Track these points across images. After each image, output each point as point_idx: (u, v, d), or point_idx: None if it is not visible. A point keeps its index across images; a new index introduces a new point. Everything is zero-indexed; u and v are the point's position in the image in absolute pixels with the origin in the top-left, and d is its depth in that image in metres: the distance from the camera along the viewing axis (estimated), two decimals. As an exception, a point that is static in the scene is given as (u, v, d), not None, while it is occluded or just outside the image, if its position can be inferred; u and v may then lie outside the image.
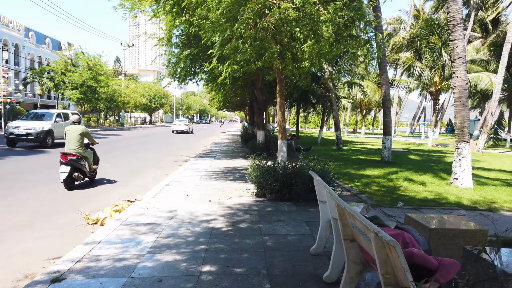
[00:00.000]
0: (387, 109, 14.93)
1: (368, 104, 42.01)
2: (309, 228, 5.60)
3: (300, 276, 3.88)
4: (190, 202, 7.07)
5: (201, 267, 4.02)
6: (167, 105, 72.28)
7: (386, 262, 2.35)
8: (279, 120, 8.04)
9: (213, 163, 13.48)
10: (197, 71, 14.22)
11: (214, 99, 27.84)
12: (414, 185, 9.43)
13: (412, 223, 4.17)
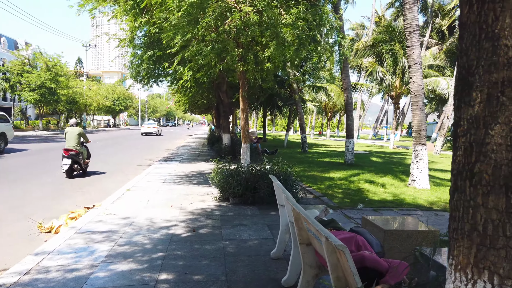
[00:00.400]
0: (349, 112, 15.29)
1: (333, 107, 42.92)
2: (271, 232, 5.61)
3: (259, 281, 3.87)
4: (150, 208, 6.91)
5: (157, 275, 3.92)
6: (132, 108, 70.65)
7: (337, 266, 2.38)
8: (242, 124, 8.03)
9: (177, 166, 13.27)
10: (161, 73, 13.99)
11: (180, 102, 27.51)
12: (375, 187, 9.70)
13: (368, 225, 4.27)
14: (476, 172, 0.99)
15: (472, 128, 0.99)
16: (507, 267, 0.92)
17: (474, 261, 0.98)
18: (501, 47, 0.94)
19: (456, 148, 1.06)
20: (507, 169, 0.93)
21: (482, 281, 0.96)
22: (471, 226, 0.99)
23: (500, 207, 0.94)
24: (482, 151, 0.97)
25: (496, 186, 0.95)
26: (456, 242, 1.04)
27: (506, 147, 0.93)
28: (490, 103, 0.95)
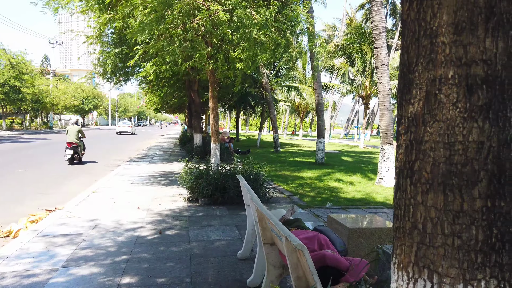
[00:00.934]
0: (320, 112, 15.47)
1: (306, 107, 43.35)
2: (239, 232, 5.57)
3: (225, 282, 3.82)
4: (117, 210, 6.72)
5: (120, 279, 3.80)
6: (102, 107, 68.85)
7: (297, 265, 2.37)
8: (211, 123, 7.96)
9: (147, 167, 13.02)
10: (129, 71, 13.68)
11: (151, 101, 27.02)
12: (344, 186, 9.85)
13: (334, 223, 4.30)
14: (416, 170, 0.98)
15: (412, 126, 0.99)
16: (446, 265, 0.92)
17: (415, 259, 0.98)
18: (439, 45, 0.94)
19: (398, 146, 1.05)
20: (444, 167, 0.94)
21: (422, 279, 0.96)
22: (412, 225, 0.99)
23: (439, 205, 0.94)
24: (421, 149, 0.97)
25: (434, 184, 0.95)
26: (399, 240, 1.04)
27: (443, 145, 0.94)
28: (428, 101, 0.95)
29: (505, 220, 0.90)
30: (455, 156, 0.92)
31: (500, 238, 0.90)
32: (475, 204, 0.90)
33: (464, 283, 0.90)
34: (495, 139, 0.89)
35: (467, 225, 0.90)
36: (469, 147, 0.90)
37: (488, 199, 0.89)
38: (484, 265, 0.89)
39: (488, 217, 0.90)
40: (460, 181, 0.91)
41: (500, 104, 0.89)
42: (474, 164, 0.90)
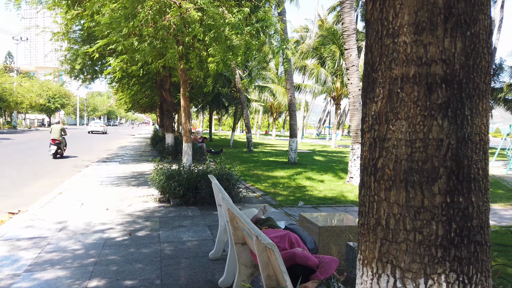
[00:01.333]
0: (293, 112, 15.60)
1: (278, 107, 43.63)
2: (211, 232, 5.53)
3: (196, 283, 3.78)
4: (84, 212, 6.53)
5: (87, 282, 3.69)
6: (70, 106, 66.68)
7: (267, 264, 2.37)
8: (183, 122, 7.86)
9: (117, 167, 12.71)
10: (98, 69, 13.32)
11: (121, 100, 26.43)
12: (316, 184, 9.97)
13: (305, 222, 4.35)
14: (379, 168, 1.00)
15: (376, 124, 1.00)
16: (408, 260, 0.94)
17: (379, 255, 0.99)
18: (401, 44, 0.96)
19: (363, 144, 1.07)
20: (406, 164, 0.96)
21: (386, 275, 0.98)
22: (376, 221, 1.01)
23: (401, 202, 0.96)
24: (385, 147, 0.99)
25: (397, 181, 0.97)
26: (363, 237, 1.05)
27: (405, 143, 0.96)
28: (391, 99, 0.97)
29: (464, 216, 0.92)
30: (416, 153, 0.94)
31: (459, 233, 0.92)
32: (435, 200, 0.92)
33: (425, 277, 0.93)
34: (453, 136, 0.92)
35: (428, 220, 0.93)
36: (429, 144, 0.93)
37: (447, 195, 0.92)
38: (444, 260, 0.92)
39: (448, 213, 0.92)
40: (421, 178, 0.93)
41: (458, 103, 0.92)
42: (434, 161, 0.92)
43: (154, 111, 37.84)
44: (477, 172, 0.94)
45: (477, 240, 0.94)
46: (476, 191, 0.94)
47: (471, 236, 0.93)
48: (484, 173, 0.95)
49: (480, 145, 0.94)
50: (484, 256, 0.95)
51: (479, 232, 0.94)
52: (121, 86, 19.48)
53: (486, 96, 0.95)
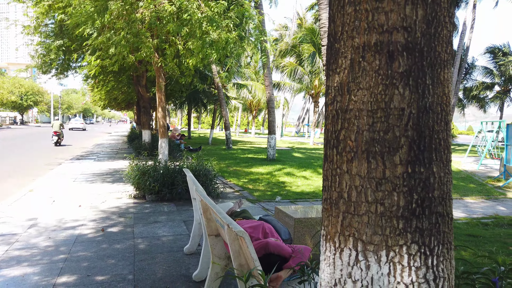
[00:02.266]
0: (271, 109, 15.61)
1: (258, 105, 43.64)
2: (187, 227, 5.46)
3: (170, 277, 3.71)
4: (56, 209, 6.33)
5: (56, 279, 3.56)
6: (43, 103, 64.77)
7: (239, 253, 2.34)
8: (158, 117, 7.73)
9: (92, 165, 12.41)
10: (72, 65, 12.97)
11: (97, 97, 25.86)
12: (294, 180, 10.01)
13: (280, 214, 4.34)
14: (341, 140, 0.98)
15: (338, 95, 0.98)
16: (369, 233, 0.93)
17: (341, 229, 0.97)
18: (362, 12, 0.94)
19: (326, 118, 1.04)
20: (368, 135, 0.94)
21: (348, 248, 0.96)
22: (338, 194, 0.98)
23: (363, 173, 0.94)
24: (346, 118, 0.97)
25: (358, 152, 0.95)
26: (326, 212, 1.03)
27: (367, 113, 0.94)
28: (353, 69, 0.94)
29: (425, 186, 0.91)
30: (377, 123, 0.92)
31: (420, 204, 0.91)
32: (397, 171, 0.91)
33: (387, 250, 0.91)
34: (415, 106, 0.91)
35: (389, 191, 0.91)
36: (390, 114, 0.91)
37: (409, 165, 0.91)
38: (406, 231, 0.91)
39: (409, 183, 0.91)
40: (382, 148, 0.92)
41: (419, 72, 0.91)
42: (396, 130, 0.91)
43: (131, 108, 37.22)
44: (438, 143, 0.93)
45: (438, 211, 0.93)
46: (438, 161, 0.93)
47: (432, 207, 0.92)
48: (446, 144, 0.94)
49: (441, 115, 0.93)
50: (445, 228, 0.94)
51: (440, 203, 0.93)
52: (97, 82, 19.05)
53: (447, 66, 0.94)
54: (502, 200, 8.48)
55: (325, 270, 1.03)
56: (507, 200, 8.55)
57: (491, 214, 6.95)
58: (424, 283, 0.91)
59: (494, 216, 6.72)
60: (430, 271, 0.92)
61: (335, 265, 0.99)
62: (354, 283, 0.94)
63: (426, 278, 0.92)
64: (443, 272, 0.93)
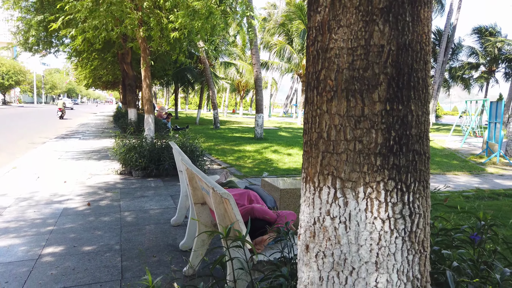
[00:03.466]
0: (258, 88, 15.53)
1: (246, 85, 43.36)
2: (174, 201, 5.48)
3: (156, 247, 3.74)
4: (41, 184, 6.26)
5: (42, 250, 3.56)
6: (26, 83, 63.16)
7: (224, 216, 2.36)
8: (144, 93, 7.62)
9: (77, 143, 12.25)
10: (53, 41, 12.62)
11: (81, 76, 25.33)
12: (281, 157, 10.07)
13: (267, 185, 4.38)
14: (321, 80, 0.98)
15: (319, 35, 0.98)
16: (348, 170, 0.94)
17: (320, 169, 0.99)
18: None
19: (307, 59, 1.04)
20: (348, 73, 0.94)
21: (327, 187, 0.97)
22: (318, 135, 0.99)
23: (342, 112, 0.95)
24: (327, 57, 0.97)
25: (338, 91, 0.95)
26: (306, 154, 1.04)
27: (347, 51, 0.94)
28: (334, 6, 0.94)
29: (403, 124, 0.92)
30: (357, 61, 0.92)
31: (397, 141, 0.92)
32: (375, 108, 0.92)
33: (365, 186, 0.93)
34: (394, 42, 0.91)
35: (368, 129, 0.92)
36: (370, 51, 0.91)
37: (387, 103, 0.91)
38: (383, 168, 0.92)
39: (387, 121, 0.92)
40: (361, 86, 0.92)
41: (399, 8, 0.91)
42: (375, 68, 0.91)
43: (116, 88, 36.62)
44: (417, 81, 0.94)
45: (415, 149, 0.95)
46: (416, 100, 0.94)
47: (409, 144, 0.94)
48: (424, 83, 0.95)
49: (420, 54, 0.94)
50: (422, 166, 0.96)
51: (417, 141, 0.95)
52: (81, 61, 18.62)
53: (428, 4, 0.94)
54: (484, 175, 8.70)
55: (304, 211, 1.05)
56: (488, 175, 8.78)
57: (473, 188, 7.13)
58: (400, 218, 0.94)
59: (475, 190, 6.90)
60: (406, 207, 0.94)
61: (314, 205, 1.01)
62: (332, 219, 0.96)
63: (402, 214, 0.94)
64: (418, 208, 0.96)
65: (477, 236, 1.76)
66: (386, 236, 0.93)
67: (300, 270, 1.07)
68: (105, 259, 3.41)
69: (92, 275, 3.10)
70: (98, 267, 3.25)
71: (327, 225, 0.97)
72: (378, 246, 0.93)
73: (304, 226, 1.05)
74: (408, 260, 0.95)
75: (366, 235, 0.93)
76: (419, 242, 0.96)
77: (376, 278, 0.94)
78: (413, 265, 0.96)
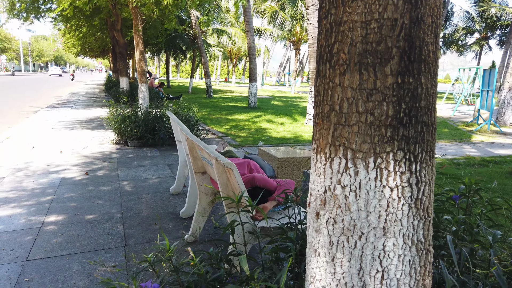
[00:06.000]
0: (252, 56, 15.33)
1: (238, 53, 42.69)
2: (171, 171, 5.54)
3: (157, 215, 3.82)
4: (36, 154, 6.26)
5: (44, 218, 3.62)
6: (12, 50, 61.41)
7: (227, 185, 2.42)
8: (137, 62, 7.50)
9: (69, 113, 12.13)
10: (41, 6, 12.20)
11: (69, 43, 24.63)
12: (275, 126, 10.11)
13: (264, 155, 4.44)
14: (334, 53, 1.00)
15: (332, 8, 0.99)
16: (359, 141, 0.98)
17: (332, 140, 1.02)
18: None
19: (319, 32, 1.05)
20: (361, 46, 0.96)
21: (338, 157, 1.01)
22: (330, 107, 1.02)
23: (354, 85, 0.98)
24: (340, 30, 0.98)
25: (351, 64, 0.97)
26: (318, 126, 1.07)
27: (361, 24, 0.95)
28: (348, -20, 0.94)
29: (413, 96, 0.96)
30: (371, 34, 0.94)
31: (407, 113, 0.96)
32: (387, 81, 0.95)
33: (375, 156, 0.97)
34: (407, 16, 0.92)
35: (379, 101, 0.95)
36: (383, 24, 0.93)
37: (399, 76, 0.94)
38: (393, 139, 0.96)
39: (398, 93, 0.95)
40: (374, 59, 0.94)
41: (413, -19, 0.92)
42: (388, 41, 0.93)
43: (106, 56, 35.80)
44: (427, 55, 0.97)
45: (424, 121, 0.98)
46: (426, 73, 0.97)
47: (418, 116, 0.97)
48: (434, 56, 0.98)
49: (432, 27, 0.96)
50: (429, 137, 1.00)
51: (426, 113, 0.99)
52: (69, 27, 18.06)
53: (440, -23, 0.96)
54: (474, 143, 8.87)
55: (315, 181, 1.10)
56: (479, 143, 8.95)
57: (463, 155, 7.29)
58: (407, 186, 0.99)
59: (466, 157, 7.05)
60: (413, 176, 0.99)
61: (325, 174, 1.05)
62: (343, 188, 1.01)
63: (409, 182, 0.99)
64: (425, 177, 1.01)
65: (458, 197, 1.87)
66: (394, 203, 0.99)
67: (309, 235, 1.13)
68: (107, 227, 3.49)
69: (96, 242, 3.18)
70: (102, 234, 3.33)
71: (338, 193, 1.02)
72: (386, 213, 0.99)
73: (314, 195, 1.10)
74: (414, 225, 1.01)
75: (375, 202, 0.99)
76: (424, 209, 1.02)
77: (384, 242, 1.00)
78: (418, 230, 1.02)
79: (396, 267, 1.01)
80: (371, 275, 1.01)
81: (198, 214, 3.21)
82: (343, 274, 1.03)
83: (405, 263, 1.02)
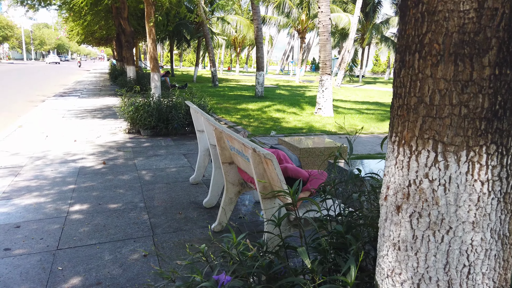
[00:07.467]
0: (259, 44, 15.20)
1: (242, 41, 42.38)
2: (187, 160, 5.53)
3: (180, 204, 3.83)
4: (51, 143, 6.26)
5: (69, 207, 3.63)
6: (14, 39, 61.10)
7: (263, 176, 2.41)
8: (150, 49, 7.44)
9: (77, 101, 12.11)
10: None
11: (73, 31, 24.45)
12: (285, 116, 10.07)
13: (285, 145, 4.42)
14: (426, 43, 0.97)
15: (424, -4, 0.96)
16: (451, 134, 0.96)
17: (419, 133, 1.00)
18: None
19: (405, 22, 1.03)
20: (457, 37, 0.93)
21: (426, 150, 0.99)
22: (418, 99, 1.00)
23: (448, 76, 0.95)
24: (434, 20, 0.95)
25: (445, 55, 0.95)
26: (401, 118, 1.05)
27: (458, 13, 0.92)
28: (446, -33, 0.91)
29: (509, 88, 0.94)
30: (469, 24, 0.91)
31: (503, 105, 0.94)
32: (484, 73, 0.92)
33: (467, 150, 0.95)
34: (508, 5, 0.90)
35: (475, 93, 0.93)
36: (483, 14, 0.90)
37: (496, 67, 0.92)
38: (487, 132, 0.94)
39: (495, 85, 0.93)
40: (471, 50, 0.92)
41: (517, -32, 0.89)
42: (487, 31, 0.91)
43: (109, 44, 35.58)
44: (525, 45, 0.94)
45: (517, 114, 0.96)
46: (523, 64, 0.94)
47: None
48: (531, 47, 0.95)
49: (531, 17, 0.93)
50: (521, 130, 0.98)
51: (520, 105, 0.96)
52: (72, 15, 17.90)
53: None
54: None
55: (396, 173, 1.08)
56: None
57: None
58: (497, 180, 0.97)
59: None
60: (504, 169, 0.98)
61: (409, 168, 1.03)
62: (431, 182, 0.99)
63: (499, 176, 0.97)
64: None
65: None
66: (484, 197, 0.97)
67: (387, 229, 1.12)
68: (132, 216, 3.49)
69: (123, 231, 3.19)
70: (128, 223, 3.34)
71: (425, 187, 1.01)
72: (476, 207, 0.97)
73: (394, 188, 1.09)
74: (501, 220, 1.00)
75: (465, 196, 0.97)
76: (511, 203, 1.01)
77: (472, 237, 0.99)
78: (504, 224, 1.01)
79: (483, 262, 1.00)
80: (458, 269, 1.00)
81: (225, 204, 3.21)
82: (428, 268, 1.02)
83: (491, 258, 1.01)
